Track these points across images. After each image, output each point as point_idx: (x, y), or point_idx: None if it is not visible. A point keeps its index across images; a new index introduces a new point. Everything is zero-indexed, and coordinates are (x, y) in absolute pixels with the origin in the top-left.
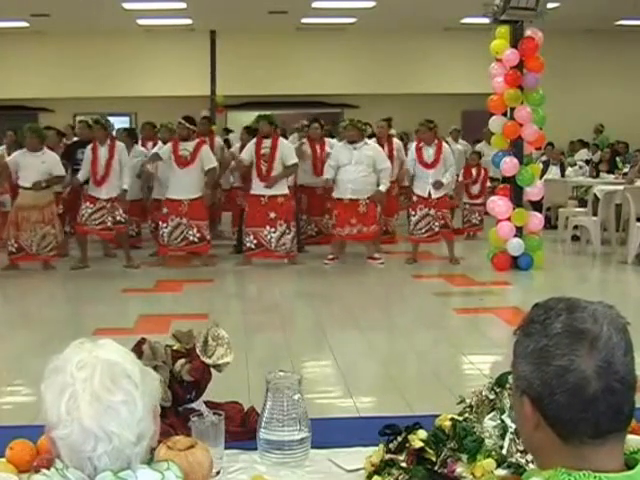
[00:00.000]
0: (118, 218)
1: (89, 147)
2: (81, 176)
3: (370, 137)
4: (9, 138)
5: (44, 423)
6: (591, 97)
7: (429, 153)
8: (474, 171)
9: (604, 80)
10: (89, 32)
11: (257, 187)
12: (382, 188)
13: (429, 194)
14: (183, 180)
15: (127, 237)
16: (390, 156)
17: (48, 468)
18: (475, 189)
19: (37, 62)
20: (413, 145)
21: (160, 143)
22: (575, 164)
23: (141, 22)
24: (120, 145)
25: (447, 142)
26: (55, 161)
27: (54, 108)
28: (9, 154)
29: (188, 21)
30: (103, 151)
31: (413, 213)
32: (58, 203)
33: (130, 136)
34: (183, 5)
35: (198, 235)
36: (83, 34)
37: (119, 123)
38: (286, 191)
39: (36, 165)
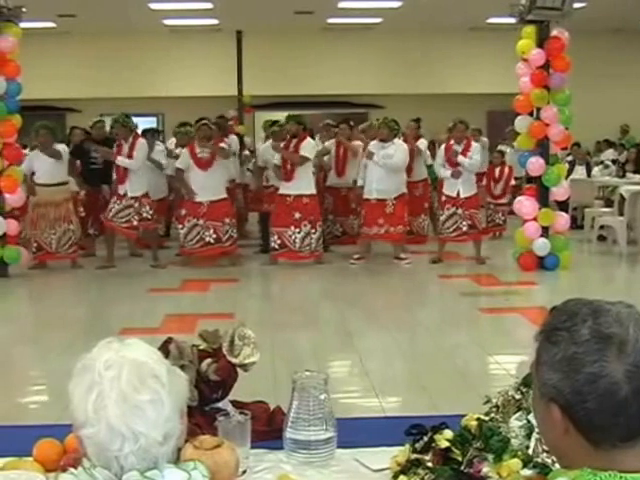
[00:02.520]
0: (145, 215)
1: (116, 145)
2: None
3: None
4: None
5: (71, 422)
6: (617, 97)
7: (457, 152)
8: (497, 171)
9: (630, 80)
10: (116, 32)
11: (283, 187)
12: (375, 158)
13: (458, 193)
14: (205, 182)
15: (156, 235)
16: (411, 155)
17: (75, 467)
18: (498, 189)
19: (64, 62)
20: (442, 147)
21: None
22: (602, 162)
23: (167, 22)
24: (140, 141)
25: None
26: (63, 150)
27: (81, 108)
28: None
29: (214, 21)
30: (126, 149)
31: (441, 212)
32: (77, 204)
33: (150, 136)
34: (209, 5)
35: (214, 236)
36: (110, 34)
37: (147, 123)
38: (312, 191)
39: (49, 161)
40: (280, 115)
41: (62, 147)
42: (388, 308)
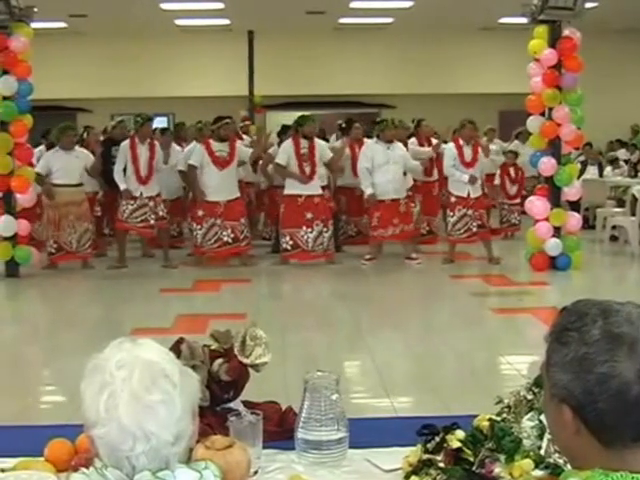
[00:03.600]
0: (160, 214)
1: (126, 145)
2: (122, 182)
3: (409, 137)
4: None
5: (83, 422)
6: (630, 97)
7: (468, 152)
8: (512, 171)
9: None
10: (127, 32)
11: (293, 187)
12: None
13: (468, 194)
14: (222, 182)
15: (168, 235)
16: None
17: (87, 467)
18: (513, 189)
19: (75, 62)
20: (450, 148)
21: (192, 145)
22: (616, 159)
23: (179, 22)
24: (157, 145)
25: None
26: (87, 156)
27: (92, 108)
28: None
29: (226, 21)
30: (143, 149)
31: (451, 214)
32: (94, 204)
33: (168, 135)
34: (221, 5)
35: (232, 236)
36: (121, 35)
37: (157, 123)
38: (321, 191)
39: (72, 162)
40: (291, 115)
41: (80, 148)
42: (399, 308)
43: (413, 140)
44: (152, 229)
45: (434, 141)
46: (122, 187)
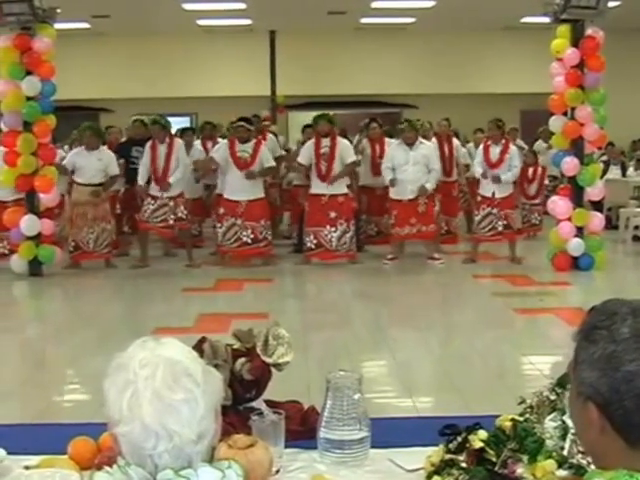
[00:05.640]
0: (180, 215)
1: (148, 145)
2: (141, 179)
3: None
4: (75, 137)
5: (106, 420)
6: None
7: (495, 152)
8: (530, 171)
9: None
10: (149, 33)
11: (317, 186)
12: (428, 186)
13: (493, 194)
14: (242, 181)
15: (190, 235)
16: (450, 155)
17: (110, 465)
18: (532, 189)
19: (98, 63)
20: (480, 147)
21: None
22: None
23: (201, 23)
24: (178, 142)
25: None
26: (110, 159)
27: (114, 109)
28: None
29: (248, 21)
30: (162, 149)
31: (476, 213)
32: (115, 202)
33: (189, 135)
34: (243, 6)
35: (252, 236)
36: (143, 35)
37: (180, 123)
38: (346, 190)
39: (93, 163)
40: (313, 115)
41: (106, 151)
42: (422, 308)
43: (434, 140)
44: (171, 229)
45: (455, 141)
46: (139, 182)
